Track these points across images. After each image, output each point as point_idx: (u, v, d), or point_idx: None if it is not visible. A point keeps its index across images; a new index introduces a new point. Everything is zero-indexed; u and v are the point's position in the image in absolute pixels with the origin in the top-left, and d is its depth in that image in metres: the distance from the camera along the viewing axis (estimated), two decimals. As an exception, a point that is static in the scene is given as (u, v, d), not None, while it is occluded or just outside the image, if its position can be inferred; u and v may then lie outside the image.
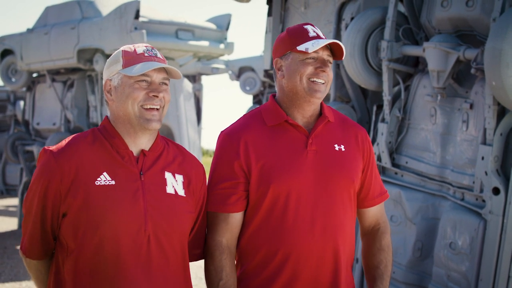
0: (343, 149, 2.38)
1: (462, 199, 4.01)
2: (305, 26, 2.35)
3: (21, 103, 13.49)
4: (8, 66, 11.95)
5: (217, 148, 2.39)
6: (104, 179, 2.12)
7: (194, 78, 17.56)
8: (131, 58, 2.17)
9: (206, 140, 35.13)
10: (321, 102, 2.42)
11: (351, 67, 4.67)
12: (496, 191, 3.71)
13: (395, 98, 4.64)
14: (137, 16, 9.39)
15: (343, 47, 2.33)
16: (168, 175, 2.23)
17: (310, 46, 2.29)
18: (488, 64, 3.58)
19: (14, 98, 13.99)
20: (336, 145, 2.38)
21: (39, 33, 10.93)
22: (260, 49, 23.24)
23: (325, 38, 2.35)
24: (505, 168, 3.78)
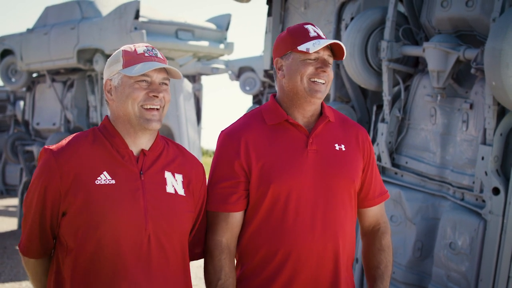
0: (344, 149, 2.38)
1: (462, 199, 4.01)
2: (306, 26, 2.34)
3: (21, 103, 13.48)
4: (8, 66, 11.95)
5: (218, 148, 2.39)
6: (104, 179, 2.12)
7: (194, 78, 17.56)
8: (131, 58, 2.17)
9: (206, 140, 35.07)
10: (322, 102, 2.42)
11: (351, 67, 4.67)
12: (496, 191, 3.71)
13: (395, 98, 4.64)
14: (137, 16, 9.38)
15: (344, 48, 2.33)
16: (168, 175, 2.23)
17: (311, 46, 2.28)
18: (488, 64, 3.58)
19: (14, 98, 13.99)
20: (337, 145, 2.38)
21: (39, 33, 10.93)
22: (260, 49, 23.22)
23: (326, 38, 2.35)
24: (505, 168, 3.78)
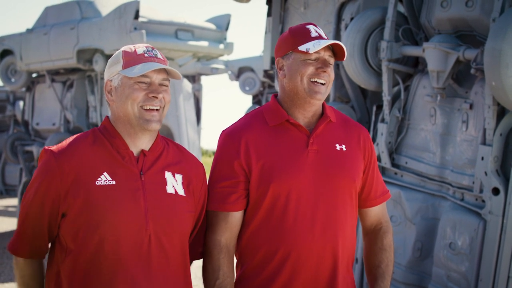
0: (344, 149, 2.38)
1: (462, 199, 4.01)
2: (307, 26, 2.34)
3: (21, 104, 13.48)
4: (8, 66, 11.95)
5: (218, 147, 2.39)
6: (105, 179, 2.12)
7: (194, 78, 17.54)
8: (131, 59, 2.17)
9: (206, 140, 35.10)
10: (323, 102, 2.42)
11: (351, 67, 4.67)
12: (496, 192, 3.71)
13: (395, 99, 4.64)
14: (137, 16, 9.38)
15: (345, 48, 2.33)
16: (168, 175, 2.23)
17: (312, 47, 2.28)
18: (488, 64, 3.58)
19: (14, 98, 13.99)
20: (337, 145, 2.38)
21: (39, 34, 10.93)
22: (260, 50, 23.24)
23: (327, 39, 2.34)
24: (505, 169, 3.78)
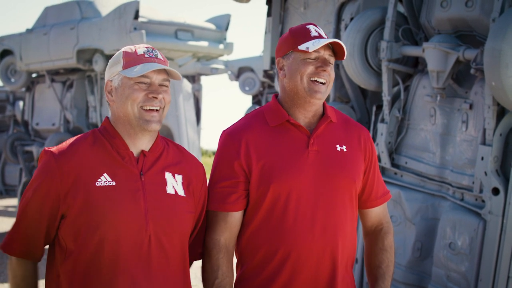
0: (345, 150, 2.38)
1: (462, 200, 4.01)
2: (308, 26, 2.35)
3: (20, 104, 13.48)
4: (8, 67, 11.95)
5: (219, 147, 2.40)
6: (105, 180, 2.12)
7: (194, 79, 17.54)
8: (131, 59, 2.17)
9: (206, 141, 35.08)
10: (324, 103, 2.42)
11: (351, 68, 4.67)
12: (496, 192, 3.71)
13: (395, 99, 4.64)
14: (137, 17, 9.38)
15: (344, 47, 2.33)
16: (168, 176, 2.23)
17: (311, 45, 2.28)
18: (488, 65, 3.58)
19: (14, 99, 13.99)
20: (338, 146, 2.38)
21: (39, 34, 10.93)
22: (260, 50, 23.23)
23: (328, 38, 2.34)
24: (505, 169, 3.78)
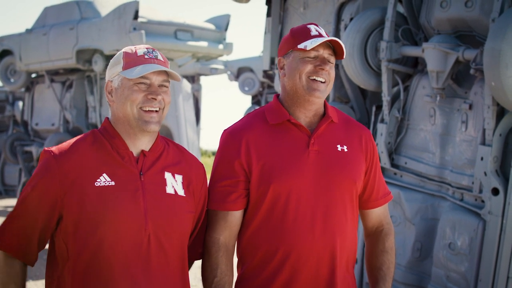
0: (346, 150, 2.37)
1: (461, 200, 4.01)
2: (309, 26, 2.35)
3: (20, 104, 13.49)
4: (7, 67, 11.96)
5: (219, 147, 2.40)
6: (104, 180, 2.12)
7: (193, 79, 17.54)
8: (131, 60, 2.17)
9: (205, 141, 35.05)
10: (325, 102, 2.41)
11: (350, 68, 4.67)
12: (495, 192, 3.71)
13: (394, 99, 4.64)
14: (136, 17, 9.39)
15: (343, 45, 2.33)
16: (168, 175, 2.23)
17: (309, 44, 2.28)
18: (487, 65, 3.58)
19: (13, 99, 14.00)
20: (339, 146, 2.37)
21: (38, 34, 10.94)
22: (259, 50, 23.19)
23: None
24: (504, 169, 3.78)
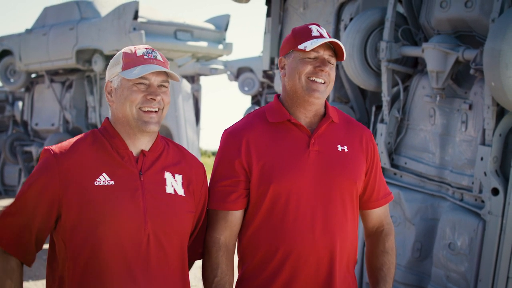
0: (346, 150, 2.37)
1: (461, 200, 4.01)
2: (310, 26, 2.34)
3: (20, 104, 13.48)
4: (7, 67, 11.96)
5: (220, 146, 2.40)
6: (104, 180, 2.12)
7: (193, 79, 17.54)
8: (131, 60, 2.17)
9: (205, 141, 35.03)
10: (326, 103, 2.41)
11: (350, 68, 4.67)
12: (495, 192, 3.71)
13: (394, 99, 4.64)
14: (136, 17, 9.39)
15: (343, 47, 2.33)
16: (168, 175, 2.23)
17: (309, 45, 2.28)
18: (487, 65, 3.58)
19: (13, 99, 13.99)
20: (339, 146, 2.37)
21: (38, 34, 10.93)
22: (259, 50, 23.21)
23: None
24: (504, 169, 3.78)
